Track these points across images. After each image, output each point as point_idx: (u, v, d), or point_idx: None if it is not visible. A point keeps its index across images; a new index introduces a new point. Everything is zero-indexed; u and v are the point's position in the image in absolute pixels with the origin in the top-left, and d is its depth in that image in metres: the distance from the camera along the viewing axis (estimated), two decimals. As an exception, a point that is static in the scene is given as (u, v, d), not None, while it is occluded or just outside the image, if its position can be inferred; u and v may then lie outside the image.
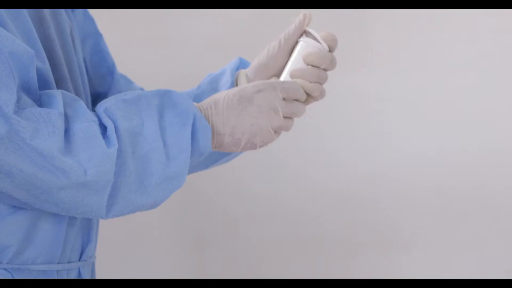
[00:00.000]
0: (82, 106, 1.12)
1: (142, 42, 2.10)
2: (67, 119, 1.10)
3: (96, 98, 1.47)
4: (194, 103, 1.18)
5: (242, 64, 1.41)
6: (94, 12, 1.56)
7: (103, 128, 1.11)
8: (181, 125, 1.14)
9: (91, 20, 1.46)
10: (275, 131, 1.19)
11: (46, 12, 1.25)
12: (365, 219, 2.05)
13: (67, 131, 1.08)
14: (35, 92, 1.11)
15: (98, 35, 1.47)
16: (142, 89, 1.52)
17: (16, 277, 1.17)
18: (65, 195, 1.08)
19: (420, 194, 2.02)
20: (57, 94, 1.12)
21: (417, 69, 2.01)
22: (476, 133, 1.99)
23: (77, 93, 1.30)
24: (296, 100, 1.21)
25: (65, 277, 1.23)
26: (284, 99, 1.19)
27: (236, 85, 1.37)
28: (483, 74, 1.98)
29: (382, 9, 1.98)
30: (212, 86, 1.40)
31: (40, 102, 1.12)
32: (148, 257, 2.14)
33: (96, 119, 1.11)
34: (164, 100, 1.16)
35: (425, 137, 2.01)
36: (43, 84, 1.16)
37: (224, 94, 1.19)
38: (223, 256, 2.11)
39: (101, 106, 1.13)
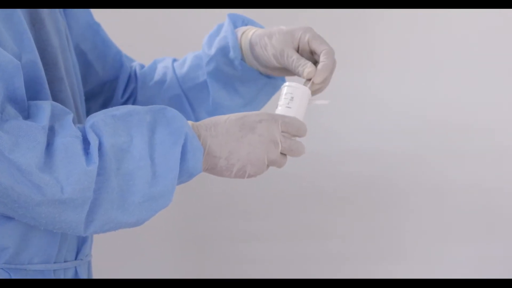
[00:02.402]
0: (69, 120, 1.11)
1: (141, 42, 2.10)
2: (52, 132, 1.08)
3: (103, 87, 1.47)
4: (190, 122, 1.17)
5: (233, 21, 1.40)
6: (93, 12, 1.56)
7: (87, 143, 1.09)
8: (172, 144, 1.12)
9: (88, 11, 1.45)
10: (267, 165, 1.18)
11: (44, 12, 1.25)
12: (366, 219, 2.05)
13: (49, 146, 1.07)
14: (22, 102, 1.10)
15: (96, 25, 1.45)
16: (142, 66, 1.51)
17: (13, 276, 1.17)
18: (41, 210, 1.07)
19: (420, 193, 2.02)
20: (46, 106, 1.10)
21: (417, 69, 2.01)
22: (476, 133, 1.98)
23: (72, 92, 1.29)
24: (295, 136, 1.21)
25: (62, 276, 1.24)
26: (283, 132, 1.19)
27: (241, 47, 1.36)
28: (483, 74, 1.98)
29: (382, 9, 1.98)
30: (224, 60, 1.38)
31: (28, 113, 1.11)
32: (148, 257, 2.14)
33: (79, 134, 1.09)
34: (158, 117, 1.14)
35: (425, 137, 2.01)
36: (35, 85, 1.16)
37: (225, 117, 1.18)
38: (223, 256, 2.11)
39: (89, 120, 1.11)
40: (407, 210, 2.03)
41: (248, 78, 1.38)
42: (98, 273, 1.53)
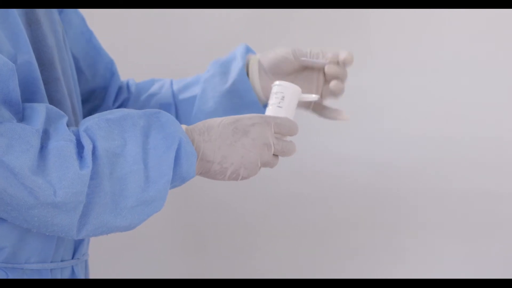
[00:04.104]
0: (63, 123, 1.11)
1: (141, 42, 2.10)
2: (46, 136, 1.09)
3: (92, 94, 1.48)
4: (184, 126, 1.18)
5: (248, 50, 1.42)
6: (93, 12, 1.57)
7: (81, 147, 1.10)
8: (166, 148, 1.13)
9: (82, 18, 1.46)
10: (260, 167, 1.20)
11: (40, 12, 1.25)
12: (365, 219, 2.05)
13: (43, 149, 1.08)
14: (17, 104, 1.11)
15: (89, 33, 1.47)
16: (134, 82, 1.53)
17: (11, 276, 1.18)
18: (34, 213, 1.08)
19: (419, 193, 2.02)
20: (41, 109, 1.11)
21: (416, 68, 2.01)
22: (476, 132, 1.98)
23: (69, 93, 1.30)
24: (287, 136, 1.22)
25: (59, 275, 1.25)
26: (276, 133, 1.20)
27: (247, 70, 1.39)
28: (483, 74, 1.98)
29: (382, 9, 1.98)
30: (223, 70, 1.40)
31: (22, 115, 1.11)
32: (148, 256, 2.14)
33: (73, 138, 1.10)
34: (152, 121, 1.15)
35: (424, 138, 2.01)
36: (30, 85, 1.17)
37: (218, 121, 1.19)
38: (222, 256, 2.12)
39: (83, 124, 1.12)
40: (406, 210, 2.03)
41: (238, 90, 1.39)
42: (95, 273, 1.54)
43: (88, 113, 1.47)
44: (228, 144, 1.17)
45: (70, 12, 1.43)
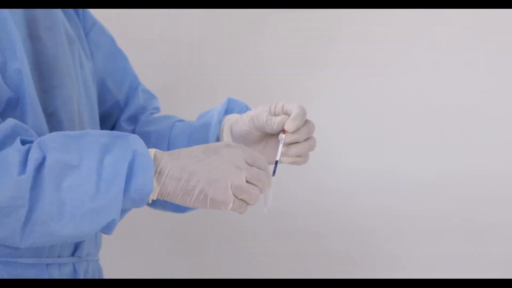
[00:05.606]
0: (22, 138, 1.14)
1: (141, 42, 2.10)
2: (2, 147, 1.12)
3: (114, 108, 1.55)
4: (155, 149, 1.18)
5: (231, 105, 1.44)
6: (93, 12, 1.57)
7: (27, 156, 1.11)
8: (119, 160, 1.12)
9: (110, 38, 1.53)
10: (234, 194, 1.16)
11: (40, 28, 1.31)
12: (365, 218, 2.05)
13: None
14: None
15: (118, 53, 1.53)
16: (157, 109, 1.59)
17: (4, 269, 1.22)
18: None
19: (419, 193, 2.02)
20: (4, 126, 1.14)
21: (416, 68, 2.01)
22: (476, 132, 1.98)
23: (77, 97, 1.36)
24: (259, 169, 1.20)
25: (56, 270, 1.28)
26: (248, 164, 1.18)
27: (223, 128, 1.42)
28: (483, 74, 1.97)
29: (382, 9, 1.98)
30: (202, 136, 1.44)
31: None
32: (147, 256, 2.14)
33: (23, 148, 1.12)
34: (118, 140, 1.15)
35: (424, 139, 2.01)
36: (20, 90, 1.22)
37: (191, 147, 1.20)
38: (224, 256, 2.12)
39: (38, 138, 1.15)
40: (407, 212, 2.03)
41: None
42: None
43: (111, 128, 1.53)
44: (196, 161, 1.16)
45: (98, 33, 1.50)
